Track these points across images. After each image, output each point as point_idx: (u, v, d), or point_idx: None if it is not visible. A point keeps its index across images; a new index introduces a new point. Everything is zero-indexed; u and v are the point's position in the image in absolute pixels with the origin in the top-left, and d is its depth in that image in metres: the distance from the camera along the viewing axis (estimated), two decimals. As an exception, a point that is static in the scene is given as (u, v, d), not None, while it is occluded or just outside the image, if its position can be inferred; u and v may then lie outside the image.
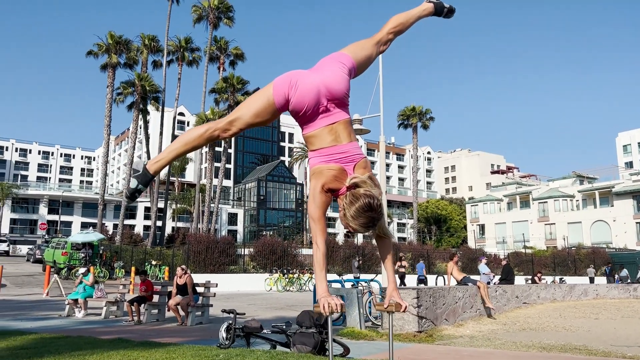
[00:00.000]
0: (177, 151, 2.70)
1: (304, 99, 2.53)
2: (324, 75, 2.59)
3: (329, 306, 2.38)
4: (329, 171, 2.54)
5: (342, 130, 2.59)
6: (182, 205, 61.98)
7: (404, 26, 2.92)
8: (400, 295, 2.72)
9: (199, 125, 2.80)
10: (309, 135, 2.63)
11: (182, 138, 2.71)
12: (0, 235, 56.50)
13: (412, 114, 54.46)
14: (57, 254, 28.24)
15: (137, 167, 7.18)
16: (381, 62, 13.62)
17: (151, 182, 2.67)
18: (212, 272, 24.62)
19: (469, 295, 12.15)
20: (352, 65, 2.71)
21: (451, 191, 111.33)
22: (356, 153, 2.60)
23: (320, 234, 2.51)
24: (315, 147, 2.61)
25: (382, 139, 13.20)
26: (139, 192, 2.75)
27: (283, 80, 2.59)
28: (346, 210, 2.45)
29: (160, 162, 2.70)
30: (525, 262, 39.24)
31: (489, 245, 63.99)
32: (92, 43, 41.92)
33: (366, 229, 2.46)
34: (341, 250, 32.99)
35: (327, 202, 2.58)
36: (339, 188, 2.55)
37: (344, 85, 2.60)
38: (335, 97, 2.58)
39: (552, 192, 67.03)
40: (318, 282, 2.51)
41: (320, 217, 2.53)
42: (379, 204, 2.43)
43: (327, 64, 2.67)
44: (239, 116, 2.64)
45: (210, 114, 41.51)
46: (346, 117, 2.64)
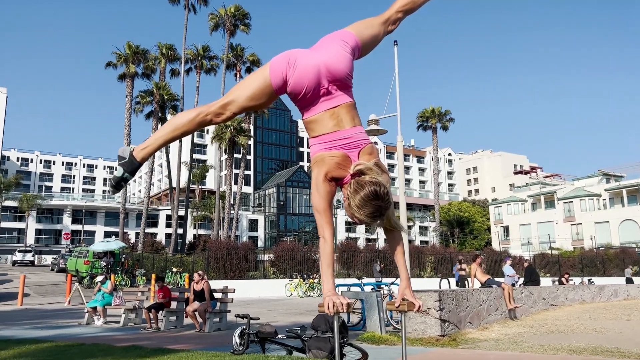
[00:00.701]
0: (166, 137, 2.49)
1: (303, 79, 2.31)
2: (324, 55, 2.36)
3: (334, 305, 2.15)
4: (332, 159, 2.33)
5: (345, 114, 2.37)
6: (203, 213, 62.31)
7: (414, 4, 2.66)
8: (414, 294, 2.46)
9: (190, 110, 2.56)
10: (309, 120, 2.41)
11: (171, 123, 2.50)
12: (25, 245, 57.56)
13: (431, 115, 53.96)
14: (79, 262, 28.52)
15: (123, 154, 6.86)
16: (397, 60, 13.37)
17: (137, 170, 2.43)
18: (232, 278, 24.53)
19: (493, 298, 11.77)
20: (355, 44, 2.47)
21: (473, 193, 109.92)
22: (361, 138, 2.37)
23: (327, 227, 2.29)
24: (316, 133, 2.39)
25: (400, 139, 12.92)
26: (125, 181, 2.55)
27: (281, 59, 2.37)
28: (351, 200, 2.23)
29: (148, 149, 2.49)
30: (551, 263, 38.38)
31: (514, 247, 62.91)
32: (111, 52, 42.58)
33: (373, 220, 2.23)
34: (362, 254, 32.67)
35: (331, 192, 2.36)
36: (343, 176, 2.33)
37: (346, 65, 2.37)
38: (337, 78, 2.35)
39: (577, 191, 65.64)
40: (324, 279, 2.28)
41: (325, 208, 2.31)
42: (386, 191, 2.20)
43: (329, 42, 2.44)
44: (233, 99, 2.41)
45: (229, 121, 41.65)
46: (349, 101, 2.41)
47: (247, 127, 44.09)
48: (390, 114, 13.56)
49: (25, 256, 49.10)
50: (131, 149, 2.51)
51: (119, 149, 2.54)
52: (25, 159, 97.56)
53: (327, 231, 2.28)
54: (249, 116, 45.06)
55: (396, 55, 13.55)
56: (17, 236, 63.67)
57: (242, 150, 43.98)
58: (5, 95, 74.40)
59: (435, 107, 54.01)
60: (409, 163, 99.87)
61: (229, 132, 41.27)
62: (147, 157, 2.53)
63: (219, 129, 41.90)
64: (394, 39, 13.83)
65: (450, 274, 30.33)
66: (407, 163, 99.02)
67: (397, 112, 13.25)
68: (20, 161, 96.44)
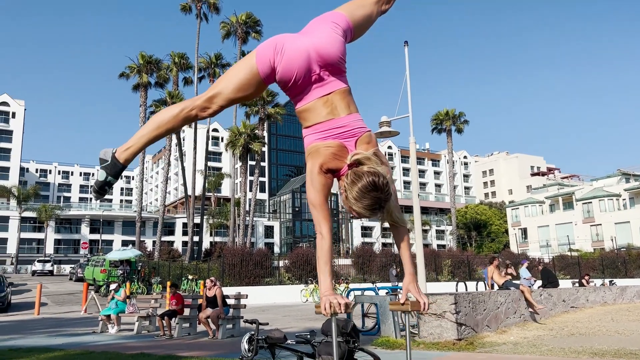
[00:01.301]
0: (150, 135, 2.32)
1: (292, 66, 2.17)
2: (314, 38, 2.22)
3: (331, 306, 2.01)
4: (327, 149, 2.18)
5: (339, 101, 2.23)
6: (219, 220, 62.51)
7: None
8: (420, 290, 2.29)
9: (174, 106, 2.36)
10: (302, 109, 2.27)
11: (155, 120, 2.34)
12: (45, 255, 58.26)
13: (445, 117, 53.57)
14: (96, 271, 28.70)
15: (104, 156, 6.56)
16: (407, 60, 13.21)
17: (121, 173, 2.26)
18: (247, 284, 24.47)
19: (511, 300, 11.49)
20: (347, 25, 2.33)
21: (490, 195, 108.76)
22: (357, 126, 2.23)
23: (324, 222, 2.14)
24: (310, 122, 2.25)
25: (412, 140, 12.73)
26: (109, 185, 2.37)
27: (267, 45, 2.23)
28: (348, 192, 2.09)
29: (131, 149, 2.33)
30: (571, 265, 37.70)
31: (532, 249, 61.99)
32: (125, 66, 42.99)
33: (372, 212, 2.08)
34: (378, 259, 32.40)
35: (328, 185, 2.21)
36: (339, 168, 2.19)
37: (337, 48, 2.22)
38: (329, 62, 2.20)
39: (596, 191, 64.52)
40: (321, 278, 2.12)
41: (322, 202, 2.17)
42: (385, 182, 2.05)
43: (318, 24, 2.30)
44: (219, 91, 2.26)
45: (242, 128, 41.79)
46: (343, 86, 2.26)
47: (260, 133, 44.15)
48: (402, 115, 13.38)
49: (45, 266, 49.75)
50: (113, 151, 2.35)
51: (100, 152, 2.36)
52: (44, 170, 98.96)
53: (324, 227, 2.14)
54: (262, 123, 45.14)
55: (407, 55, 13.40)
56: (37, 246, 64.50)
57: (256, 157, 44.04)
58: (24, 108, 75.64)
59: (449, 109, 53.62)
60: (424, 167, 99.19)
61: (243, 139, 41.34)
62: (130, 158, 2.37)
63: (232, 136, 42.01)
64: (405, 40, 13.67)
65: (468, 277, 29.92)
66: (422, 167, 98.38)
67: (409, 113, 13.07)
68: (39, 172, 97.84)
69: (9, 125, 73.83)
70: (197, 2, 45.49)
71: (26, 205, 60.15)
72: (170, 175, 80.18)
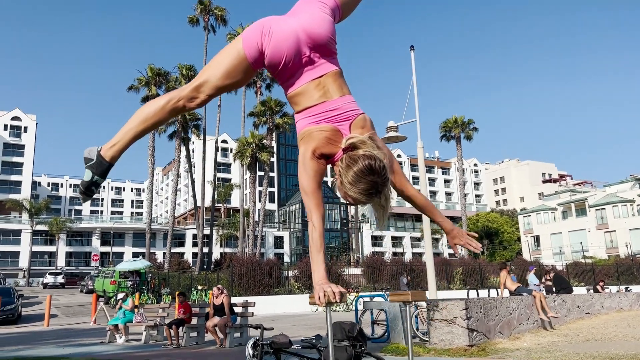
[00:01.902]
0: (136, 130, 2.20)
1: (280, 48, 2.08)
2: (301, 19, 2.13)
3: (325, 295, 1.89)
4: (320, 133, 2.08)
5: (331, 83, 2.13)
6: (229, 231, 62.51)
7: None
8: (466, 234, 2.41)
9: (159, 98, 2.24)
10: (293, 94, 2.17)
11: (141, 113, 2.21)
12: (56, 268, 58.56)
13: (454, 125, 53.34)
14: (106, 283, 28.72)
15: (89, 155, 6.32)
16: (414, 65, 13.12)
17: (108, 172, 2.13)
18: (256, 294, 24.32)
19: (524, 306, 11.26)
20: (334, 4, 2.25)
21: (501, 203, 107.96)
22: (350, 109, 2.13)
23: (316, 210, 2.04)
24: (301, 106, 2.16)
25: (420, 144, 12.59)
26: (95, 186, 2.22)
27: (254, 29, 2.13)
28: (343, 177, 1.98)
29: (117, 146, 2.20)
30: (585, 272, 37.13)
31: (545, 257, 61.28)
32: (134, 78, 43.35)
33: (368, 197, 1.97)
34: (388, 267, 32.13)
35: (320, 171, 2.11)
36: (333, 153, 2.09)
37: (327, 28, 2.14)
38: (318, 42, 2.11)
39: (609, 197, 63.74)
40: (314, 268, 2.01)
41: (314, 189, 2.06)
42: (382, 165, 1.94)
43: (305, 5, 2.22)
44: (205, 79, 2.15)
45: (250, 138, 41.86)
46: (335, 68, 2.17)
47: (269, 143, 44.19)
48: (409, 120, 13.27)
49: (57, 279, 50.07)
50: (98, 149, 2.22)
51: (85, 150, 2.23)
52: (56, 184, 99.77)
53: (315, 215, 2.03)
54: (271, 133, 45.20)
55: (413, 59, 13.31)
56: (49, 259, 64.80)
57: (265, 167, 44.04)
58: (35, 122, 76.47)
59: (458, 116, 53.39)
60: (434, 175, 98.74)
61: (251, 149, 41.40)
62: (117, 156, 2.23)
63: (241, 147, 42.09)
64: (411, 44, 13.59)
65: (479, 285, 29.54)
66: (432, 175, 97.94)
67: (417, 118, 12.95)
68: (51, 186, 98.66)
69: (21, 140, 74.63)
70: (205, 15, 45.87)
71: (38, 219, 60.56)
72: (180, 186, 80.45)
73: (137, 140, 2.26)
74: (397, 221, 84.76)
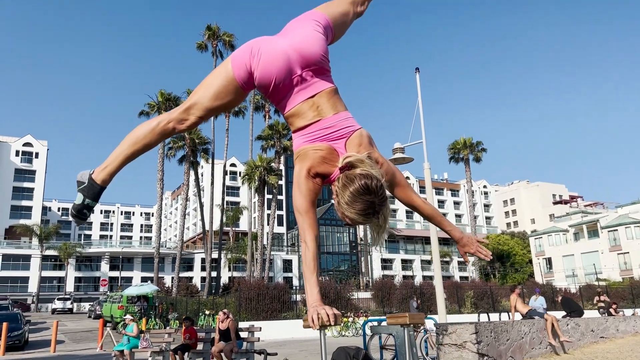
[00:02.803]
0: (127, 153, 2.19)
1: (269, 69, 2.06)
2: (293, 38, 2.12)
3: (319, 318, 1.82)
4: (315, 152, 2.06)
5: (325, 102, 2.11)
6: (237, 255, 62.30)
7: None
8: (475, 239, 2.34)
9: (150, 120, 2.24)
10: (288, 114, 2.16)
11: (131, 136, 2.20)
12: (65, 293, 58.51)
13: (462, 146, 53.26)
14: (113, 308, 28.57)
15: (81, 178, 6.30)
16: (419, 87, 13.13)
17: (100, 195, 2.10)
18: (264, 319, 24.06)
19: (536, 330, 11.01)
20: (326, 22, 2.24)
21: (512, 225, 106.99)
22: (345, 126, 2.09)
23: (310, 230, 2.00)
24: (297, 126, 2.14)
25: (427, 165, 12.52)
26: (88, 209, 2.21)
27: (243, 50, 2.13)
28: (340, 197, 1.94)
29: (108, 169, 2.20)
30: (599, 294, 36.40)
31: (558, 279, 60.36)
32: (144, 103, 43.86)
33: (365, 218, 1.93)
34: (398, 291, 31.73)
35: (315, 190, 2.07)
36: (329, 172, 2.05)
37: (319, 46, 2.12)
38: (311, 61, 2.09)
39: (622, 219, 62.92)
40: (308, 288, 1.96)
41: (308, 208, 2.03)
42: (379, 185, 1.90)
43: (297, 24, 2.21)
44: (195, 101, 2.14)
45: (259, 161, 42.02)
46: (328, 87, 2.14)
47: (277, 166, 44.31)
48: (415, 141, 13.23)
49: (65, 304, 50.00)
50: (90, 172, 2.22)
51: (78, 174, 2.23)
52: (66, 209, 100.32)
53: (309, 235, 1.99)
54: (278, 156, 45.36)
55: (418, 82, 13.35)
56: (57, 284, 64.79)
57: (273, 190, 44.09)
58: (46, 148, 77.39)
59: (466, 138, 53.34)
60: (443, 197, 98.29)
61: (259, 172, 41.52)
62: (108, 179, 2.23)
63: (249, 170, 42.23)
64: (416, 66, 13.62)
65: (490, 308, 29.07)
66: (441, 197, 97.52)
67: (423, 139, 12.92)
68: (61, 211, 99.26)
69: (32, 165, 75.45)
70: (213, 40, 46.52)
71: (47, 244, 60.77)
72: (189, 210, 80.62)
73: (128, 162, 2.24)
74: (407, 244, 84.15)
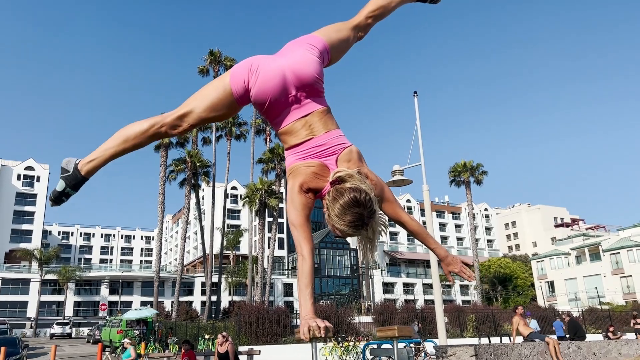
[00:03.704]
0: (116, 149, 2.25)
1: (266, 87, 2.16)
2: (289, 59, 2.21)
3: (309, 330, 1.87)
4: (307, 168, 2.15)
5: (317, 121, 2.20)
6: (237, 278, 61.97)
7: (385, 9, 2.58)
8: (459, 260, 2.41)
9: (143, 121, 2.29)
10: (282, 132, 2.25)
11: (122, 133, 2.26)
12: (64, 318, 58.01)
13: (463, 169, 53.44)
14: (113, 332, 28.38)
15: (66, 166, 6.35)
16: (417, 110, 13.29)
17: (81, 185, 2.17)
18: (264, 343, 23.83)
19: (537, 353, 10.92)
20: (323, 47, 2.33)
21: (514, 248, 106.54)
22: (336, 144, 2.19)
23: (305, 243, 2.06)
24: (290, 144, 2.24)
25: (426, 188, 12.60)
26: (66, 196, 2.28)
27: (242, 66, 2.23)
28: (330, 209, 2.03)
29: (94, 162, 2.26)
30: (602, 318, 36.08)
31: (561, 303, 59.80)
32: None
33: (354, 229, 2.01)
34: (399, 314, 31.47)
35: (308, 205, 2.15)
36: (321, 187, 2.14)
37: (314, 68, 2.21)
38: (305, 83, 2.19)
39: (623, 241, 62.65)
40: (302, 302, 2.01)
41: (302, 223, 2.10)
42: (367, 198, 1.99)
43: (294, 46, 2.31)
44: (190, 109, 2.22)
45: (259, 184, 42.15)
46: (321, 107, 2.24)
47: (277, 189, 44.42)
48: (414, 163, 13.33)
49: (64, 329, 49.52)
50: (76, 161, 2.28)
51: (63, 161, 2.29)
52: (66, 233, 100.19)
53: (305, 248, 2.05)
54: (279, 179, 45.50)
55: (417, 105, 13.51)
56: (57, 309, 64.28)
57: (274, 213, 44.12)
58: (48, 171, 77.63)
59: (467, 161, 53.54)
60: (444, 220, 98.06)
61: (260, 195, 41.62)
62: (93, 171, 2.28)
63: (249, 192, 42.34)
64: (414, 90, 13.80)
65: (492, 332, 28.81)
66: (442, 220, 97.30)
67: (422, 162, 13.01)
68: (62, 235, 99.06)
69: (34, 189, 75.58)
70: (215, 65, 47.13)
71: (47, 268, 60.48)
72: (190, 234, 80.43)
73: (115, 159, 2.30)
74: (409, 267, 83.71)
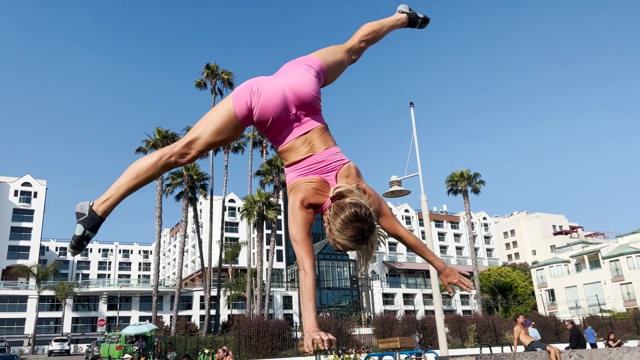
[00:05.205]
0: (129, 185, 2.28)
1: (268, 106, 2.23)
2: (288, 79, 2.30)
3: (313, 343, 1.88)
4: (308, 184, 2.21)
5: (317, 138, 2.28)
6: (236, 292, 61.69)
7: (376, 34, 2.73)
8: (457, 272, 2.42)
9: (152, 154, 2.34)
10: (282, 149, 2.32)
11: (133, 169, 2.30)
12: (62, 334, 57.54)
13: (460, 178, 53.53)
14: (111, 348, 28.19)
15: (81, 210, 6.31)
16: (414, 121, 13.34)
17: (100, 226, 2.19)
18: (264, 356, 23.72)
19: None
20: (320, 67, 2.43)
21: (513, 257, 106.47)
22: (336, 160, 2.26)
23: (307, 257, 2.12)
24: (290, 161, 2.30)
25: (424, 198, 12.62)
26: (86, 240, 2.29)
27: (243, 88, 2.30)
28: (331, 224, 2.10)
29: (109, 201, 2.29)
30: (603, 326, 35.95)
31: (562, 311, 59.66)
32: (141, 140, 44.31)
33: (355, 244, 2.07)
34: (400, 325, 31.36)
35: (309, 220, 2.21)
36: (321, 202, 2.20)
37: (312, 87, 2.30)
38: (304, 101, 2.27)
39: (623, 248, 62.66)
40: (305, 315, 2.05)
41: (304, 238, 2.16)
42: (367, 213, 2.06)
43: (292, 67, 2.40)
44: (197, 136, 2.28)
45: (257, 196, 42.13)
46: (320, 125, 2.32)
47: (275, 201, 44.40)
48: (411, 174, 13.36)
49: (62, 346, 49.07)
50: (90, 204, 2.30)
51: (77, 205, 2.31)
52: (64, 248, 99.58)
53: (307, 262, 2.11)
54: (277, 191, 45.50)
55: (413, 116, 13.57)
56: (54, 326, 63.77)
57: (272, 225, 44.07)
58: (45, 187, 77.45)
59: (464, 170, 53.67)
60: (443, 229, 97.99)
61: (258, 208, 41.59)
62: (109, 210, 2.31)
63: (247, 205, 42.31)
64: (410, 101, 13.87)
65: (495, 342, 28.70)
66: (441, 229, 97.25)
67: (419, 172, 13.05)
68: (59, 251, 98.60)
69: (31, 205, 75.30)
70: (212, 79, 47.28)
71: (45, 284, 60.10)
72: (188, 247, 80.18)
73: (129, 195, 2.33)
74: (409, 277, 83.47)
